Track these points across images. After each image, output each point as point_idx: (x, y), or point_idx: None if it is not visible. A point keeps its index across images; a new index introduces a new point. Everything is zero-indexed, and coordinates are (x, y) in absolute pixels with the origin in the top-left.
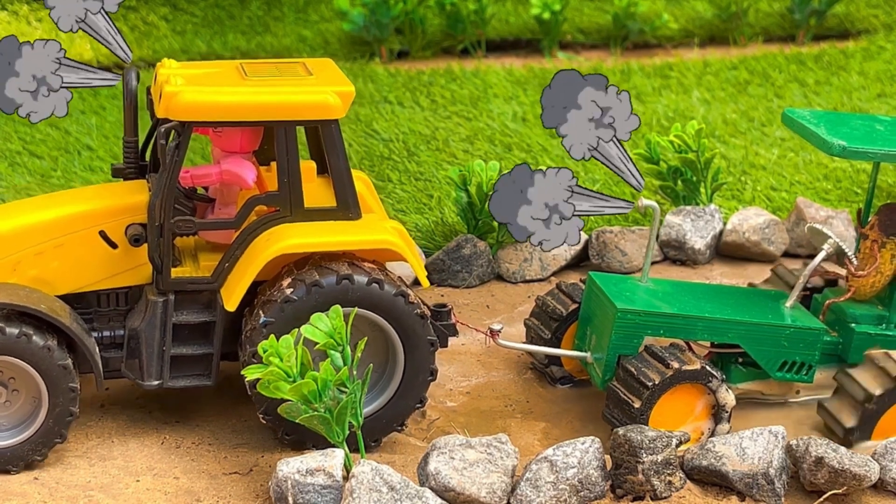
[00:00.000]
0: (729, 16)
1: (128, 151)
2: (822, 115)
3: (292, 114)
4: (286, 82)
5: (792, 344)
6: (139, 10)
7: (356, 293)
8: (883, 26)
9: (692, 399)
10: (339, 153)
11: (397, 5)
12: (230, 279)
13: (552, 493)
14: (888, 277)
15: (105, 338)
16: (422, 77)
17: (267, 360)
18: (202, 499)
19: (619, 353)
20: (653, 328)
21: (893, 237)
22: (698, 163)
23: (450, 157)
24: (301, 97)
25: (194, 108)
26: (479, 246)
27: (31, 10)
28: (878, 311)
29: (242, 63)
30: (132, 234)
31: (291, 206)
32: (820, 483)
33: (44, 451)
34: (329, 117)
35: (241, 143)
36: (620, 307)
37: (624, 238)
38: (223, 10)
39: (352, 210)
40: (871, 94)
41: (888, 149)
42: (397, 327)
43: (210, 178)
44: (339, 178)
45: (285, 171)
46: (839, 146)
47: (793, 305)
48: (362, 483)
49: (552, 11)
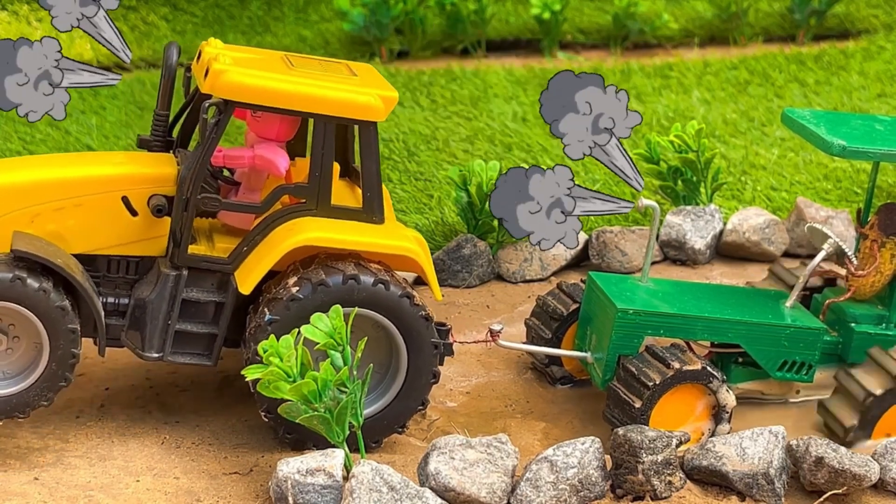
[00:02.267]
0: (729, 16)
1: (157, 124)
2: (821, 115)
3: (336, 109)
4: (331, 78)
5: (792, 344)
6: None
7: (362, 293)
8: (883, 26)
9: (693, 399)
10: (373, 156)
11: (397, 5)
12: (246, 263)
13: (552, 493)
14: (888, 277)
15: (109, 304)
16: (422, 77)
17: (267, 360)
18: (202, 499)
19: (620, 352)
20: (653, 328)
21: (893, 237)
22: (698, 163)
23: (450, 157)
24: (347, 95)
25: (240, 88)
26: (479, 246)
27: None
28: (878, 310)
29: (287, 55)
30: (155, 205)
31: (319, 200)
32: (820, 483)
33: (50, 395)
34: (371, 119)
35: (279, 131)
36: (621, 307)
37: (624, 238)
38: (223, 10)
39: (376, 213)
40: (871, 94)
41: (888, 148)
42: (401, 328)
43: (242, 161)
44: (369, 181)
45: (318, 165)
46: (839, 146)
47: (793, 305)
48: (362, 483)
49: (552, 11)
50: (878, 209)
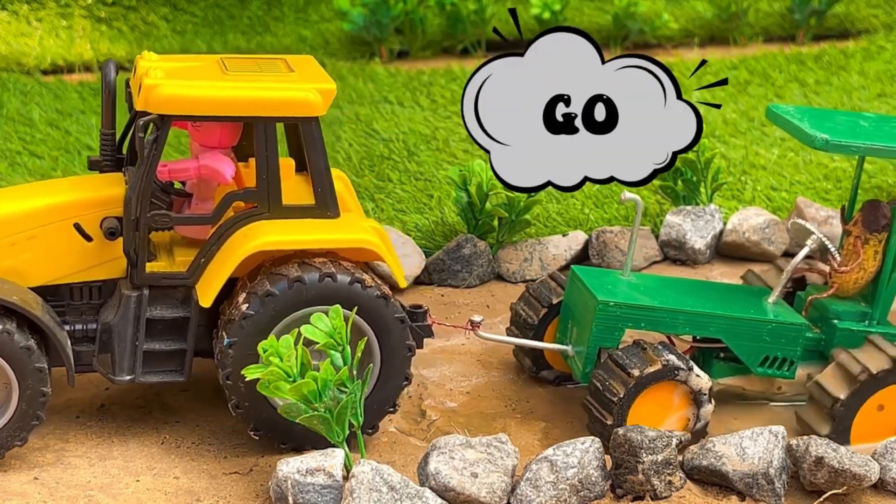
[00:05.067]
0: (729, 16)
1: (105, 144)
2: (806, 111)
3: (273, 110)
4: (267, 78)
5: (773, 339)
6: (139, 10)
7: (310, 292)
8: (883, 26)
9: (667, 394)
10: (319, 151)
11: (397, 5)
12: (206, 275)
13: (552, 493)
14: (871, 274)
15: (77, 331)
16: (422, 77)
17: (267, 360)
18: (202, 499)
19: (601, 345)
20: (633, 321)
21: (876, 233)
22: (698, 163)
23: (450, 157)
24: (282, 93)
25: (173, 102)
26: (479, 246)
27: (30, 10)
28: (861, 307)
29: (223, 58)
30: (107, 228)
31: (269, 203)
32: (820, 483)
33: (23, 435)
34: (310, 114)
35: (220, 138)
36: (601, 299)
37: (624, 238)
38: (223, 10)
39: (330, 208)
40: (871, 94)
41: (871, 143)
42: (361, 313)
43: (188, 173)
44: (318, 177)
45: (264, 167)
46: (822, 139)
47: (776, 301)
48: (362, 483)
49: (552, 11)
50: (862, 206)
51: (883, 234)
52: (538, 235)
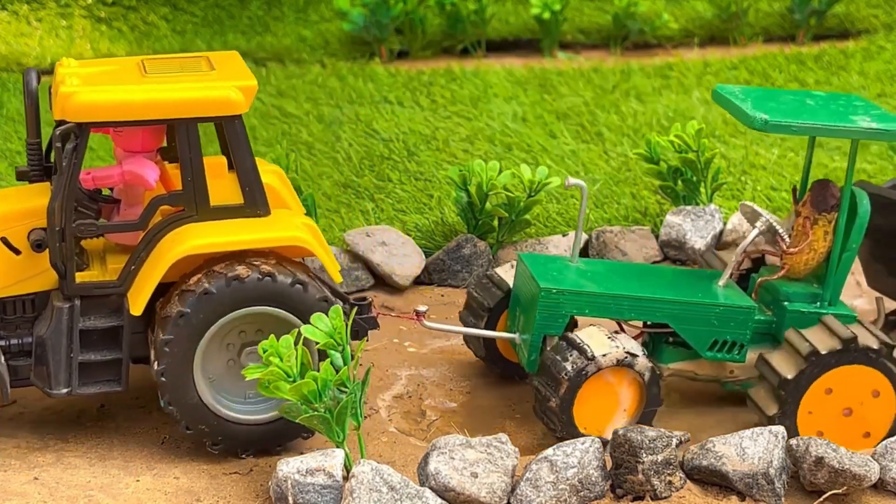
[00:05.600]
0: (729, 16)
1: (31, 153)
2: (751, 91)
3: (192, 110)
4: (187, 78)
5: (722, 323)
6: (139, 10)
7: (249, 291)
8: (883, 26)
9: (608, 385)
10: (243, 149)
11: (397, 5)
12: (136, 282)
13: (552, 493)
14: (822, 254)
15: (13, 346)
16: (422, 77)
17: (267, 360)
18: (202, 499)
19: (545, 332)
20: (578, 307)
21: (825, 213)
22: (698, 163)
23: (450, 157)
24: (201, 93)
25: (90, 109)
26: (479, 246)
27: (30, 10)
28: (813, 288)
29: (144, 59)
30: (34, 240)
31: (197, 205)
32: (820, 483)
33: None
34: (231, 113)
35: (143, 142)
36: (544, 286)
37: (624, 238)
38: (223, 10)
39: (260, 207)
40: (871, 94)
41: (811, 122)
42: (302, 317)
43: (112, 180)
44: (244, 175)
45: (189, 169)
46: (761, 120)
47: (726, 284)
48: (362, 483)
49: (552, 11)
50: (811, 186)
51: (832, 214)
52: (538, 235)
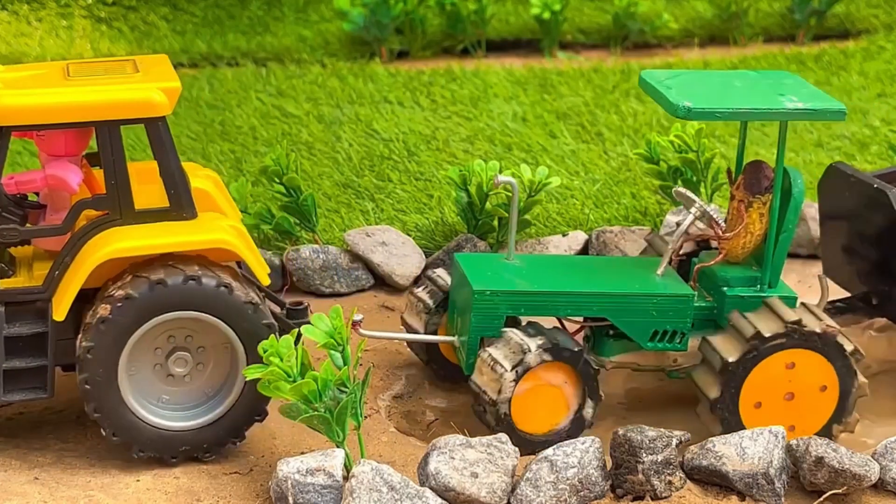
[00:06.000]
0: (729, 16)
1: None
2: (678, 75)
3: (114, 113)
4: (109, 81)
5: (661, 313)
6: (139, 10)
7: (174, 296)
8: (883, 26)
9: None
10: (167, 151)
11: (397, 5)
12: (60, 287)
13: (552, 493)
14: (758, 237)
15: None
16: (422, 77)
17: (267, 360)
18: (202, 499)
19: (481, 335)
20: (513, 307)
21: (759, 196)
22: (698, 163)
23: (450, 157)
24: (121, 95)
25: (9, 112)
26: (479, 246)
27: (30, 10)
28: (752, 272)
29: (69, 63)
30: None
31: (121, 208)
32: (820, 483)
33: None
34: (153, 115)
35: (66, 146)
36: (477, 288)
37: (624, 238)
38: (223, 10)
39: (185, 210)
40: (871, 94)
41: (735, 107)
42: (227, 320)
43: (35, 184)
44: (169, 178)
45: (112, 172)
46: (684, 108)
47: (664, 273)
48: (362, 483)
49: (552, 11)
50: (744, 168)
51: (767, 196)
52: (538, 235)
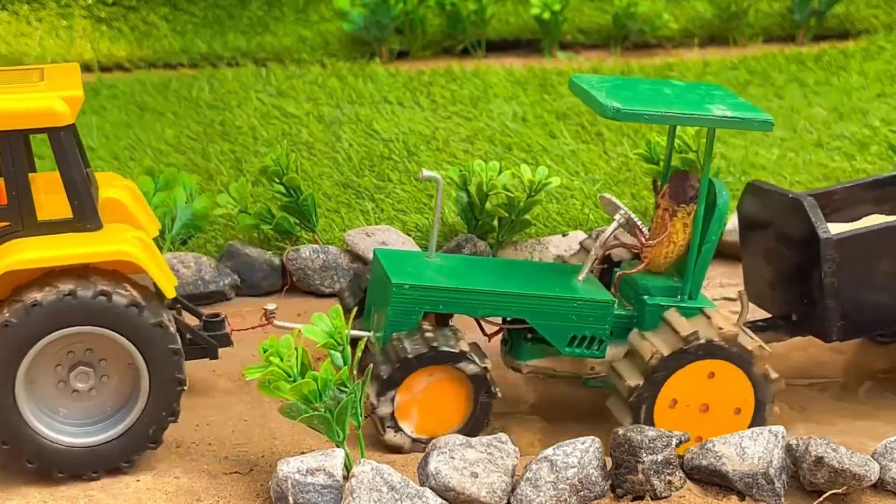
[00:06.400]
0: (729, 16)
1: None
2: (607, 80)
3: (13, 122)
4: (11, 90)
5: (580, 318)
6: (139, 10)
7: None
8: (883, 26)
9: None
10: (70, 162)
11: (397, 5)
12: None
13: (552, 493)
14: (681, 247)
15: None
16: (422, 77)
17: (267, 359)
18: (202, 498)
19: (397, 330)
20: (431, 303)
21: (684, 205)
22: (698, 163)
23: (450, 157)
24: (20, 104)
25: None
26: (479, 246)
27: (31, 10)
28: (673, 282)
29: None
30: None
31: (23, 219)
32: (820, 483)
33: None
34: (54, 125)
35: None
36: (396, 281)
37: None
38: (223, 10)
39: (89, 220)
40: (871, 94)
41: (663, 110)
42: (133, 340)
43: None
44: (72, 188)
45: (13, 183)
46: (613, 108)
47: (585, 278)
48: (362, 483)
49: (552, 11)
50: (670, 177)
51: (691, 206)
52: (538, 235)
